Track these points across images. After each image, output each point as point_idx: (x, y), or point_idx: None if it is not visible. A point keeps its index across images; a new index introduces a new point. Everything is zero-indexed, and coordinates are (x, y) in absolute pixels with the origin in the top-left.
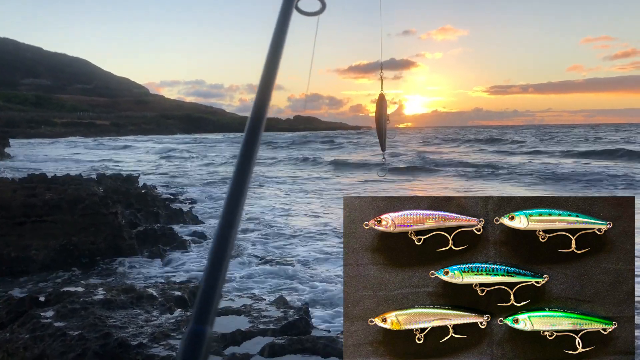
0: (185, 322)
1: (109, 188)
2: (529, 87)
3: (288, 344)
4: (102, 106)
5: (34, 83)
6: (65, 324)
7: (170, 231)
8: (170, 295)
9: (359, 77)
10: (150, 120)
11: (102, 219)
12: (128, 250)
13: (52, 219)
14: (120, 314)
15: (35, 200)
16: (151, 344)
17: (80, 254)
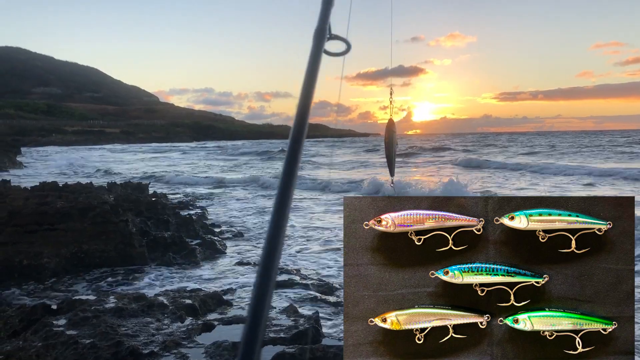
0: (196, 330)
1: (120, 196)
2: (538, 94)
3: (299, 353)
4: (112, 114)
5: (45, 92)
6: (77, 332)
7: (180, 239)
8: (180, 303)
9: (367, 84)
10: (160, 128)
11: (113, 227)
12: (138, 258)
13: (63, 227)
14: (131, 322)
15: (47, 208)
16: (162, 353)
17: (90, 262)
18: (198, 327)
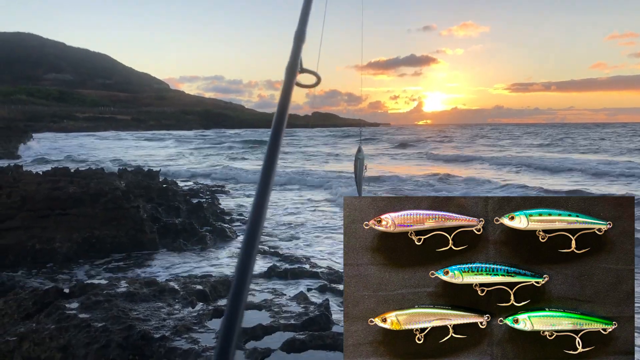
0: (207, 315)
1: (131, 182)
2: (551, 85)
3: (309, 340)
4: (123, 101)
5: (56, 78)
6: (89, 315)
7: (191, 226)
8: (192, 289)
9: (377, 74)
10: (170, 116)
11: (124, 213)
12: (149, 244)
13: (75, 212)
14: (143, 306)
15: (59, 193)
16: (174, 337)
17: (102, 247)
18: (209, 313)
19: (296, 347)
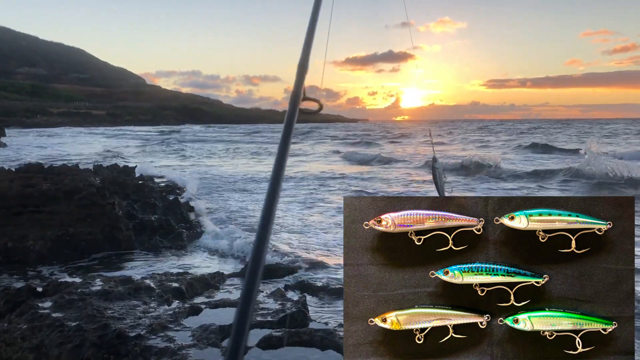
0: (183, 313)
1: (106, 179)
2: (526, 81)
3: (286, 337)
4: (98, 96)
5: (29, 72)
6: (63, 314)
7: (167, 223)
8: (167, 286)
9: (355, 69)
10: (147, 111)
11: (99, 210)
12: (125, 242)
13: (49, 210)
14: (118, 305)
15: (32, 190)
16: (149, 336)
17: (77, 245)
18: (185, 310)
19: (273, 344)
